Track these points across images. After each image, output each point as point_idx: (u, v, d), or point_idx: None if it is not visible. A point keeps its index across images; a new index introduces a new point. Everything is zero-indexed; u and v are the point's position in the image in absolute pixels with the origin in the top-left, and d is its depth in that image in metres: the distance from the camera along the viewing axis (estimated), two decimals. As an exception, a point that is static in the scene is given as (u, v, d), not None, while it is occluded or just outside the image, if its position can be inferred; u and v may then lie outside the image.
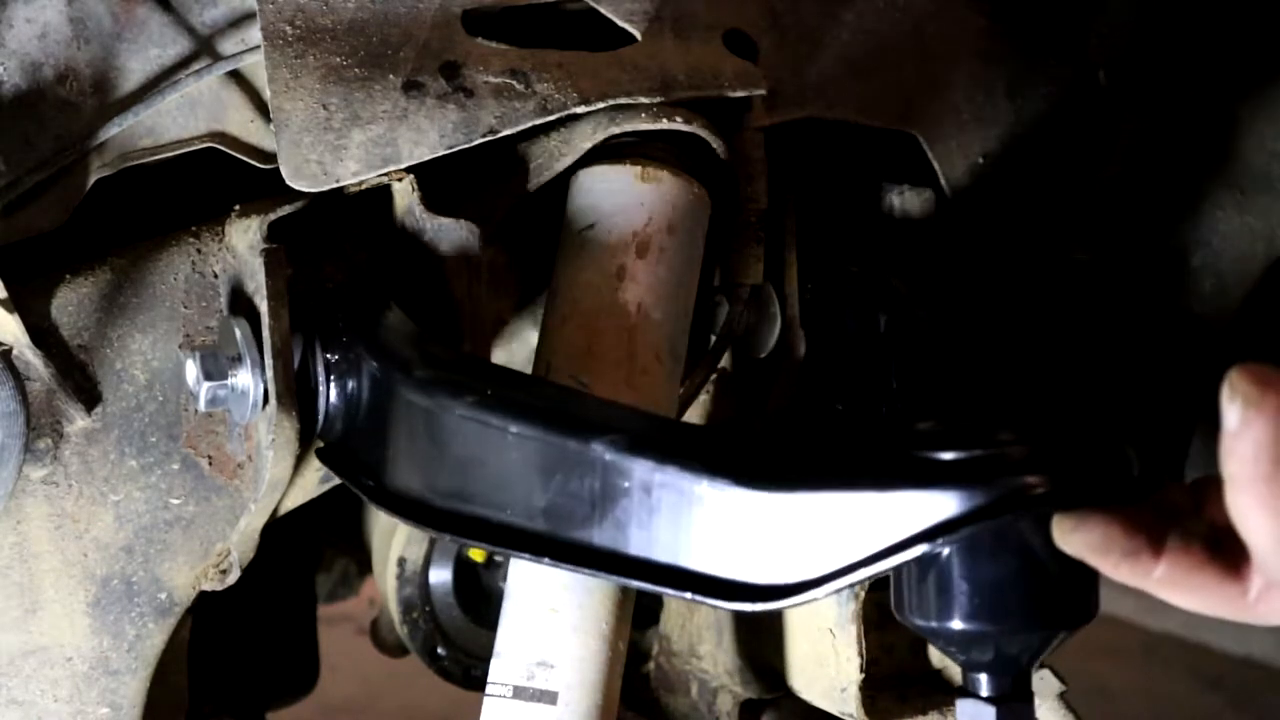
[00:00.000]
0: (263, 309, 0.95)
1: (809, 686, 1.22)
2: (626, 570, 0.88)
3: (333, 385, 0.99)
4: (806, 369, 1.19)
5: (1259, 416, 0.67)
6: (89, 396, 1.00)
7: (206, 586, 1.04)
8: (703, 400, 1.22)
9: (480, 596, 1.51)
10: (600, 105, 1.04)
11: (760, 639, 1.26)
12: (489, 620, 1.44)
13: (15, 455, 0.96)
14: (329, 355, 0.99)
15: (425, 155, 1.00)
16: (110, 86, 1.02)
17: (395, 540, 1.48)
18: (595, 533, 0.88)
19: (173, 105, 1.03)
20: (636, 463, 0.87)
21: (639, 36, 1.08)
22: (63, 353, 0.99)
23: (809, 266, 1.20)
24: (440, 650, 1.50)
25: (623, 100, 1.04)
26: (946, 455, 0.80)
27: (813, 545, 0.82)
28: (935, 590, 0.83)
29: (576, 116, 1.05)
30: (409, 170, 1.00)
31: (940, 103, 1.23)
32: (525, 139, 1.07)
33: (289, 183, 0.98)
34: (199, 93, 1.03)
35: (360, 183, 0.99)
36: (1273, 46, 1.37)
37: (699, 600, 0.86)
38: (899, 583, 0.85)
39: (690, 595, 0.86)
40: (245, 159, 1.04)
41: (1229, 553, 0.73)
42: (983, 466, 0.80)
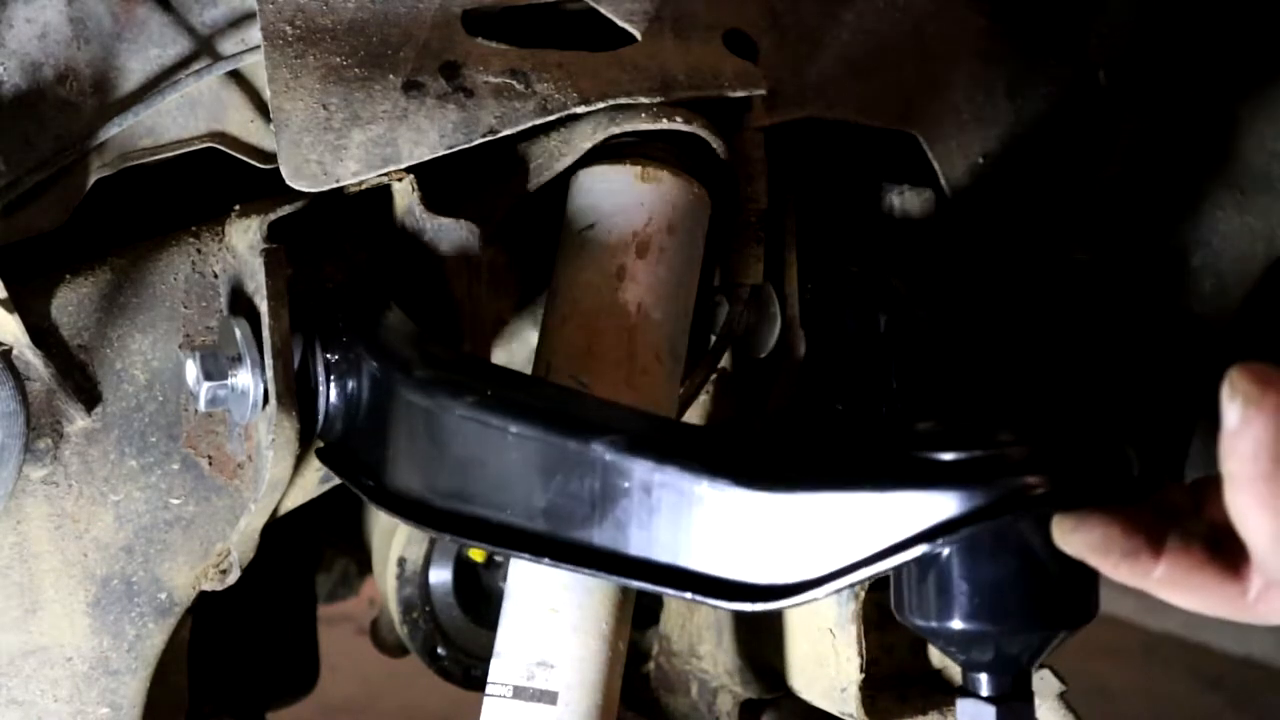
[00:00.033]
0: (263, 309, 0.95)
1: (809, 686, 1.22)
2: (626, 570, 0.88)
3: (333, 385, 0.99)
4: (806, 369, 1.19)
5: (1259, 415, 0.67)
6: (89, 396, 1.00)
7: (206, 586, 1.04)
8: (703, 400, 1.22)
9: (480, 596, 1.51)
10: (600, 105, 1.04)
11: (760, 639, 1.26)
12: (489, 620, 1.44)
13: (15, 455, 0.96)
14: (329, 355, 0.99)
15: (425, 155, 1.00)
16: (110, 86, 1.02)
17: (395, 540, 1.48)
18: (595, 533, 0.88)
19: (173, 105, 1.03)
20: (636, 463, 0.87)
21: (639, 36, 1.08)
22: (63, 353, 0.99)
23: (809, 266, 1.20)
24: (440, 650, 1.50)
25: (623, 100, 1.04)
26: (946, 456, 0.80)
27: (813, 545, 0.82)
28: (935, 590, 0.83)
29: (576, 116, 1.05)
30: (409, 170, 1.00)
31: (940, 103, 1.23)
32: (525, 139, 1.07)
33: (289, 183, 0.98)
34: (199, 93, 1.03)
35: (360, 183, 0.99)
36: (1273, 46, 1.37)
37: (699, 600, 0.86)
38: (899, 583, 0.85)
39: (690, 595, 0.86)
40: (245, 159, 1.04)
41: (1228, 553, 0.73)
42: (983, 467, 0.80)
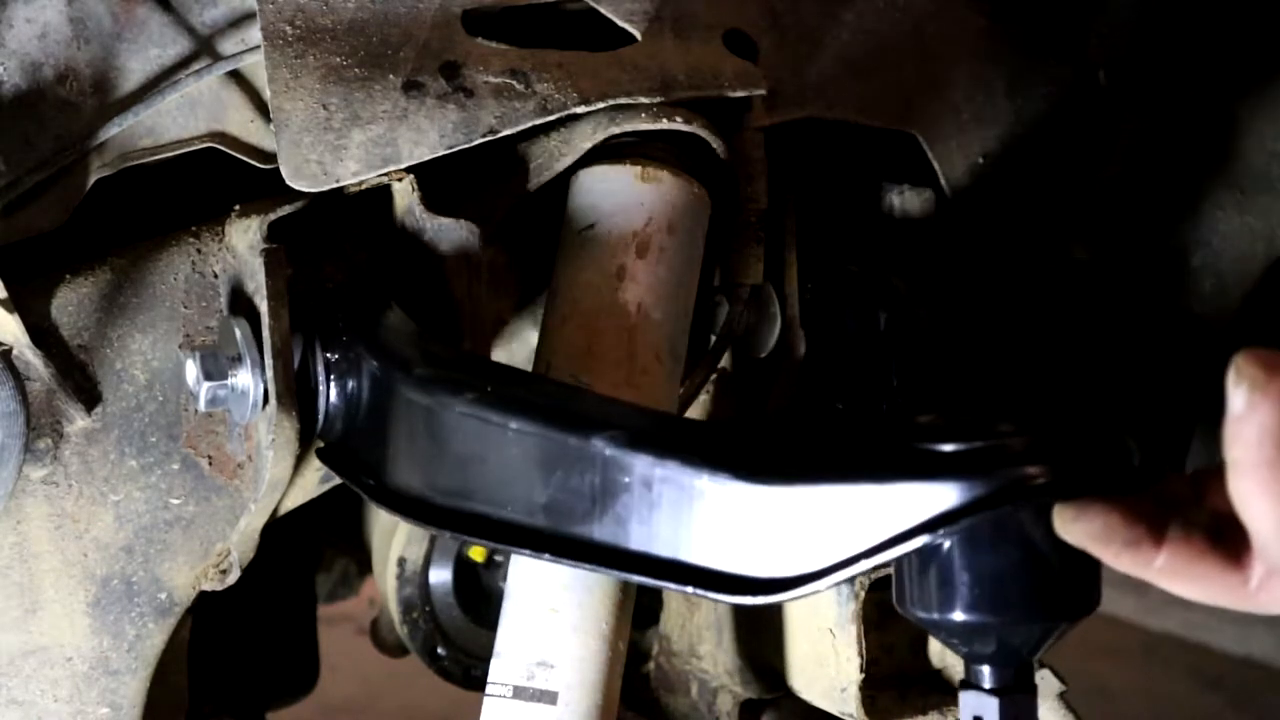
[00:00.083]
0: (263, 309, 0.95)
1: (809, 686, 1.22)
2: (627, 565, 0.88)
3: (333, 385, 0.99)
4: (807, 368, 1.19)
5: (1264, 401, 0.67)
6: (89, 396, 1.00)
7: (206, 586, 1.04)
8: (703, 400, 1.22)
9: (480, 596, 1.51)
10: (600, 105, 1.04)
11: (760, 639, 1.26)
12: (489, 620, 1.44)
13: (15, 455, 0.96)
14: (329, 355, 0.99)
15: (425, 155, 1.00)
16: (110, 86, 1.02)
17: (395, 540, 1.48)
18: (596, 528, 0.88)
19: (173, 105, 1.03)
20: (637, 458, 0.87)
21: (639, 36, 1.08)
22: (63, 353, 0.99)
23: (809, 266, 1.20)
24: (440, 650, 1.50)
25: (623, 100, 1.04)
26: (947, 447, 0.80)
27: (814, 538, 0.82)
28: (937, 582, 0.82)
29: (576, 116, 1.05)
30: (409, 170, 1.00)
31: (940, 103, 1.23)
32: (525, 139, 1.07)
33: (289, 183, 0.98)
34: (199, 93, 1.03)
35: (360, 183, 0.99)
36: (1273, 46, 1.37)
37: (700, 594, 0.86)
38: (900, 575, 0.85)
39: (691, 589, 0.85)
40: (245, 159, 1.04)
41: (1230, 542, 0.73)
42: (983, 457, 0.79)
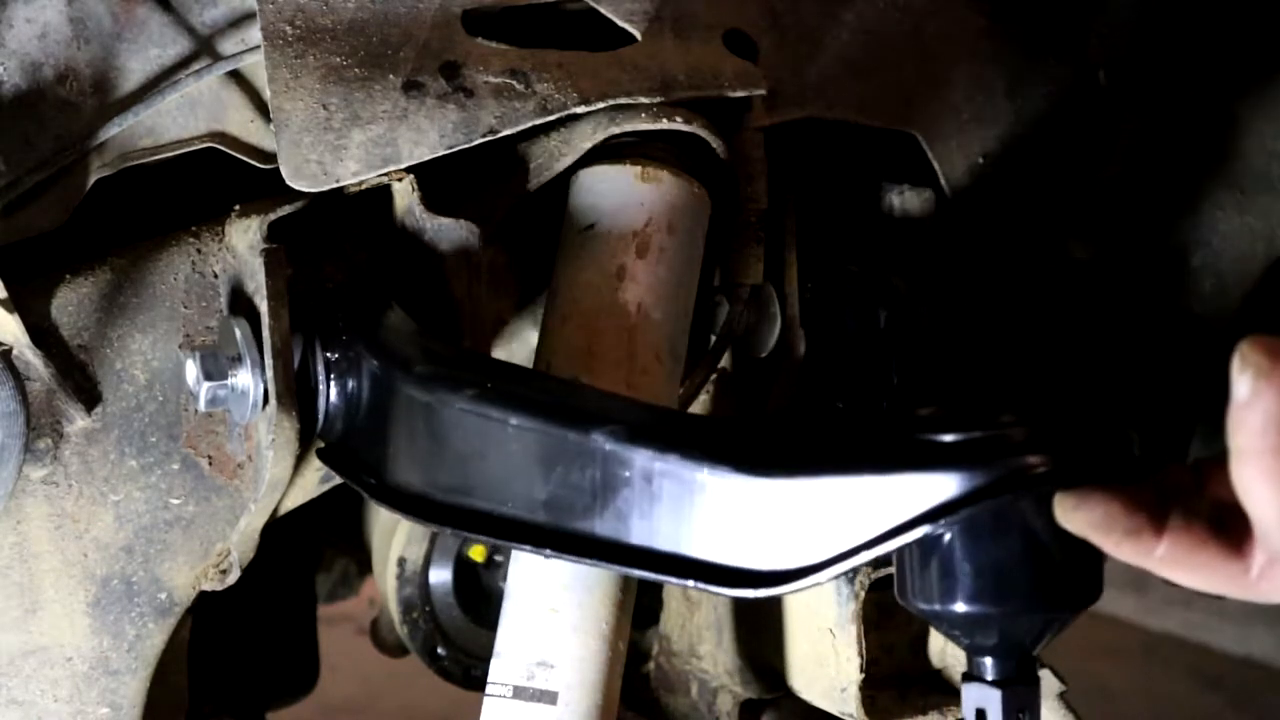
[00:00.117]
0: (263, 309, 0.95)
1: (809, 686, 1.22)
2: (629, 560, 0.88)
3: (333, 385, 0.99)
4: (807, 368, 1.19)
5: (1269, 388, 0.67)
6: (89, 396, 1.00)
7: (206, 586, 1.04)
8: (703, 400, 1.22)
9: (480, 596, 1.51)
10: (600, 105, 1.04)
11: (760, 639, 1.26)
12: (489, 620, 1.44)
13: (15, 455, 0.96)
14: (329, 354, 0.99)
15: (425, 155, 1.00)
16: (110, 86, 1.02)
17: (395, 540, 1.48)
18: (597, 523, 0.88)
19: (173, 105, 1.03)
20: (637, 452, 0.86)
21: (639, 36, 1.08)
22: (63, 353, 0.99)
23: (809, 266, 1.20)
24: (440, 650, 1.50)
25: (623, 100, 1.04)
26: (947, 437, 0.80)
27: (815, 530, 0.82)
28: (939, 574, 0.82)
29: (576, 116, 1.05)
30: (409, 170, 1.00)
31: (940, 103, 1.23)
32: (525, 139, 1.07)
33: (289, 183, 0.98)
34: (199, 93, 1.03)
35: (360, 183, 0.99)
36: (1273, 46, 1.37)
37: (702, 588, 0.86)
38: (902, 567, 0.85)
39: (693, 583, 0.85)
40: (245, 159, 1.04)
41: (1231, 530, 0.73)
42: (983, 447, 0.80)
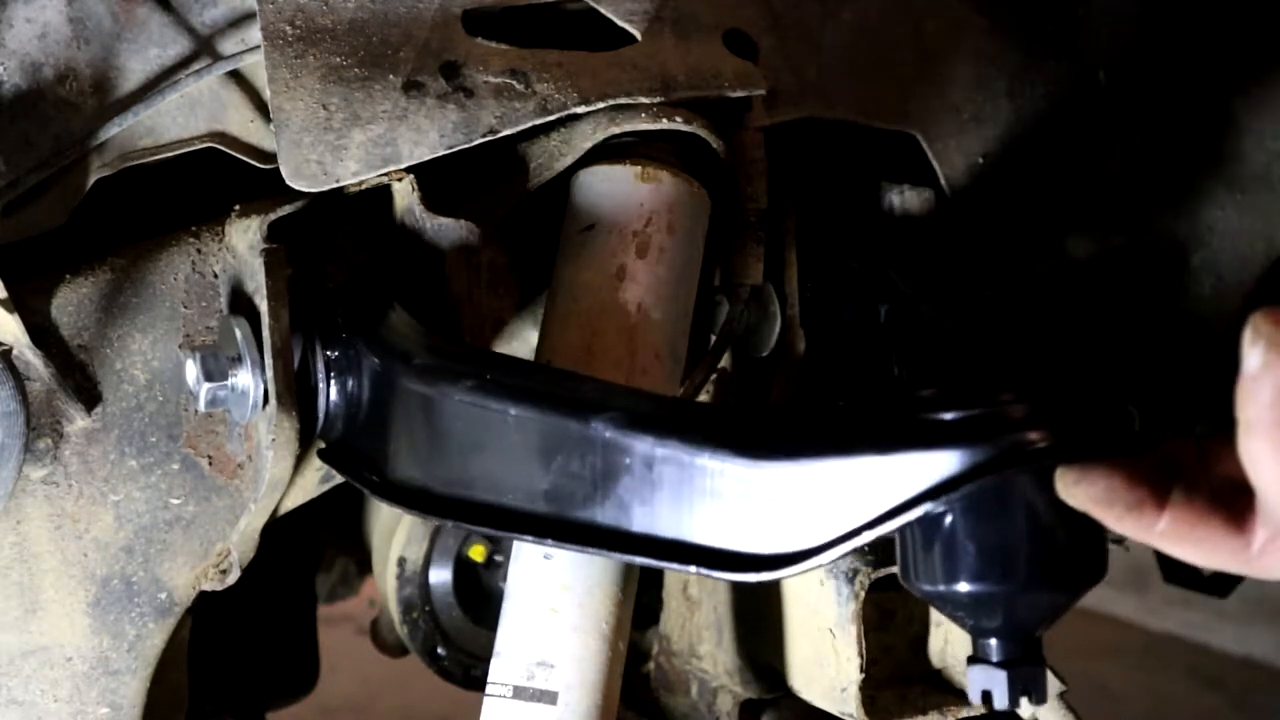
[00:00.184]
0: (263, 309, 0.95)
1: (809, 686, 1.22)
2: (630, 547, 0.88)
3: (333, 384, 0.99)
4: (807, 367, 1.19)
5: None
6: (89, 396, 1.00)
7: (206, 586, 1.04)
8: (703, 400, 1.22)
9: (480, 596, 1.51)
10: (600, 105, 1.04)
11: (760, 639, 1.26)
12: (489, 620, 1.44)
13: (15, 455, 0.96)
14: (329, 354, 0.99)
15: (425, 155, 1.00)
16: (110, 86, 1.02)
17: (395, 540, 1.48)
18: (598, 512, 0.88)
19: (173, 105, 1.03)
20: (637, 439, 0.86)
21: (639, 36, 1.08)
22: (63, 353, 0.99)
23: (809, 266, 1.20)
24: (440, 650, 1.50)
25: (623, 100, 1.04)
26: (947, 415, 0.80)
27: (817, 512, 0.82)
28: (942, 554, 0.82)
29: (576, 116, 1.05)
30: (409, 170, 1.00)
31: (940, 103, 1.23)
32: (525, 139, 1.07)
33: (289, 183, 0.98)
34: (199, 93, 1.03)
35: (360, 183, 0.99)
36: (1272, 46, 1.37)
37: (704, 573, 0.86)
38: (905, 550, 0.85)
39: (695, 569, 0.85)
40: (245, 159, 1.04)
41: (1233, 506, 0.72)
42: (983, 424, 0.80)
